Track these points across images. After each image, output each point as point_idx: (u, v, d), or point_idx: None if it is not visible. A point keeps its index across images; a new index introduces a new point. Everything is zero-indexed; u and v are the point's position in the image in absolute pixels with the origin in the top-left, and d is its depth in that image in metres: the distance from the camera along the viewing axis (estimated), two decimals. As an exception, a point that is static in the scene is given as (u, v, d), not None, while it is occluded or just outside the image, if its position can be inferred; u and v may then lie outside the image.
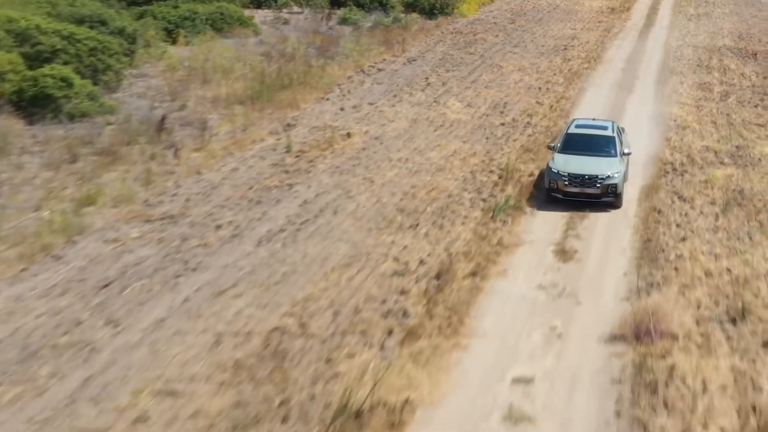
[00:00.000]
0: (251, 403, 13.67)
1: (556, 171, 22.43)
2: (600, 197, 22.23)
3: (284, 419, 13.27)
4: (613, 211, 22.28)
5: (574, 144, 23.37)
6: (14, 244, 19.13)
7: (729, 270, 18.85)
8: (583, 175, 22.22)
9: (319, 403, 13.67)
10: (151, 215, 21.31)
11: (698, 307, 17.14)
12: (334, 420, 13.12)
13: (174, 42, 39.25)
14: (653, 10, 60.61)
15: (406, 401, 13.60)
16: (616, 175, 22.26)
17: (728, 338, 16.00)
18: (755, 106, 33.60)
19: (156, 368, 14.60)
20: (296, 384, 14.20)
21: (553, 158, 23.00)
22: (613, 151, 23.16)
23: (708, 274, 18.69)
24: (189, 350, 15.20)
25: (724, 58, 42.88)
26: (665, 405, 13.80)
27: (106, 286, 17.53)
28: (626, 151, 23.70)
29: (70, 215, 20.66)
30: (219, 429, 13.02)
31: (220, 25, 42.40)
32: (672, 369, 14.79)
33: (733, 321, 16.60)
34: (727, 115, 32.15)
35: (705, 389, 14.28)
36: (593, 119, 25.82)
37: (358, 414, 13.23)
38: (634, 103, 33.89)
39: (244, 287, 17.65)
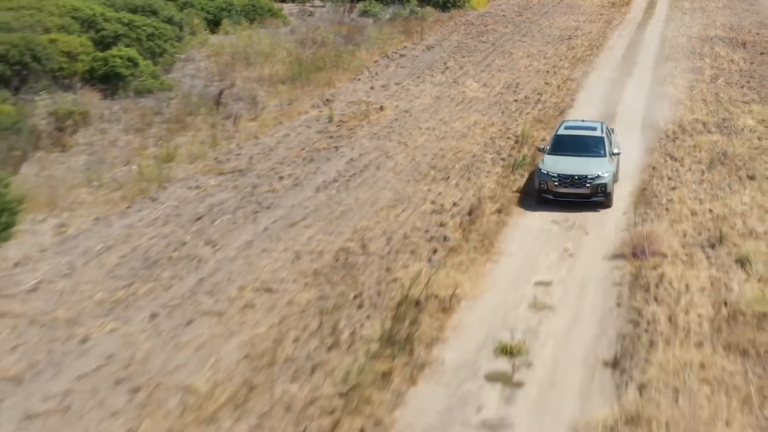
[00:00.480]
0: (331, 296, 17.48)
1: (545, 172, 22.81)
2: (590, 197, 22.70)
3: (359, 307, 17.08)
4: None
5: (564, 145, 23.76)
6: (115, 189, 23.02)
7: (711, 210, 22.62)
8: (572, 176, 22.61)
9: (385, 296, 17.49)
10: (223, 169, 25.17)
11: (684, 236, 20.93)
12: (399, 307, 16.91)
13: (215, 30, 43.04)
14: (651, 5, 64.35)
15: (453, 294, 17.43)
16: (605, 175, 22.71)
17: (707, 257, 19.77)
18: (741, 87, 37.35)
19: (252, 274, 18.43)
20: (364, 285, 18.02)
21: (543, 159, 23.44)
22: (602, 152, 23.56)
23: (693, 213, 22.47)
24: (276, 262, 19.04)
25: (716, 47, 46.63)
26: (655, 299, 17.59)
27: (198, 219, 21.39)
28: (615, 151, 24.09)
29: (156, 168, 24.50)
30: (309, 313, 16.82)
31: (253, 15, 46.24)
32: (661, 276, 18.59)
33: (712, 246, 20.37)
34: (716, 94, 35.90)
35: (687, 290, 18.05)
36: (582, 120, 26.37)
37: (417, 303, 17.04)
38: (633, 83, 37.70)
39: (311, 220, 21.50)
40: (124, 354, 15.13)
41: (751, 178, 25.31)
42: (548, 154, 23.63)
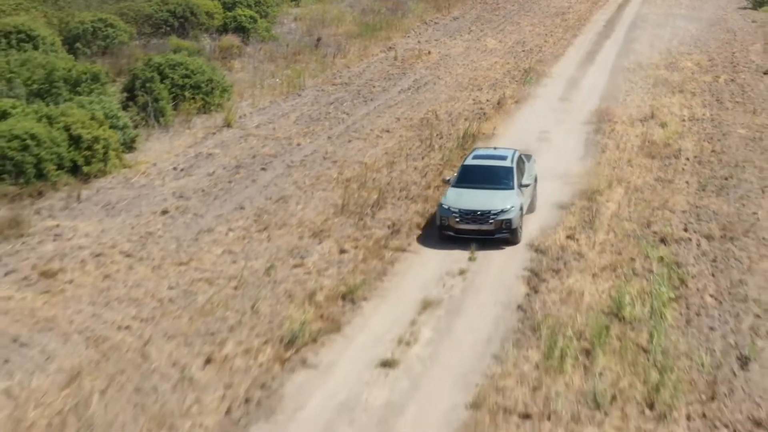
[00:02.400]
0: (423, 134, 30.69)
1: (447, 207, 21.32)
2: (493, 233, 21.17)
3: (440, 137, 30.35)
4: (591, 84, 39.32)
5: (470, 177, 22.41)
6: (272, 89, 36.34)
7: (651, 105, 35.90)
8: (474, 211, 21.17)
9: (452, 135, 30.74)
10: (334, 82, 38.49)
11: (630, 115, 34.21)
12: (463, 136, 30.11)
13: (294, 4, 56.36)
14: (632, -8, 77.57)
15: (493, 132, 30.73)
16: (510, 209, 21.26)
17: (642, 123, 33.05)
18: (689, 45, 50.58)
19: (375, 125, 31.73)
20: (441, 130, 31.28)
21: (446, 193, 22.11)
22: (510, 183, 22.09)
23: (638, 105, 35.75)
24: (386, 121, 32.35)
25: (677, 20, 59.91)
26: (608, 137, 30.87)
27: (332, 103, 34.71)
28: (525, 182, 22.63)
29: (294, 79, 37.77)
30: (413, 140, 30.04)
31: (317, -7, 59.47)
32: (613, 129, 31.90)
33: (647, 119, 33.64)
34: (668, 49, 49.12)
35: (627, 134, 31.36)
36: (494, 148, 25.08)
37: (473, 135, 30.27)
38: (610, 43, 50.95)
39: (400, 105, 34.81)
40: (320, 151, 28.46)
41: (681, 92, 38.60)
42: (453, 186, 22.31)
